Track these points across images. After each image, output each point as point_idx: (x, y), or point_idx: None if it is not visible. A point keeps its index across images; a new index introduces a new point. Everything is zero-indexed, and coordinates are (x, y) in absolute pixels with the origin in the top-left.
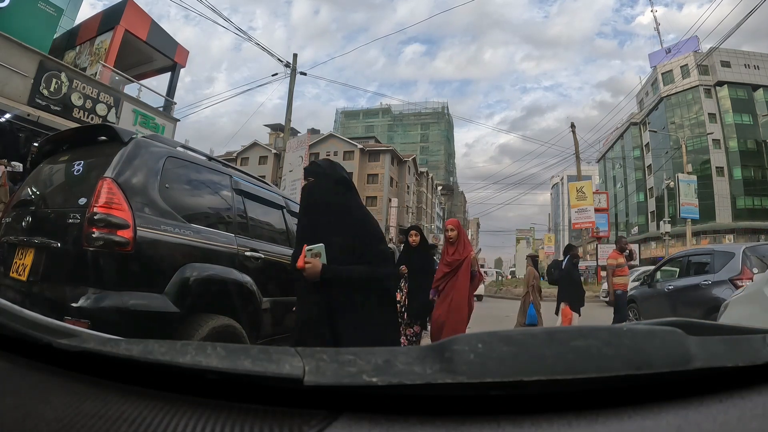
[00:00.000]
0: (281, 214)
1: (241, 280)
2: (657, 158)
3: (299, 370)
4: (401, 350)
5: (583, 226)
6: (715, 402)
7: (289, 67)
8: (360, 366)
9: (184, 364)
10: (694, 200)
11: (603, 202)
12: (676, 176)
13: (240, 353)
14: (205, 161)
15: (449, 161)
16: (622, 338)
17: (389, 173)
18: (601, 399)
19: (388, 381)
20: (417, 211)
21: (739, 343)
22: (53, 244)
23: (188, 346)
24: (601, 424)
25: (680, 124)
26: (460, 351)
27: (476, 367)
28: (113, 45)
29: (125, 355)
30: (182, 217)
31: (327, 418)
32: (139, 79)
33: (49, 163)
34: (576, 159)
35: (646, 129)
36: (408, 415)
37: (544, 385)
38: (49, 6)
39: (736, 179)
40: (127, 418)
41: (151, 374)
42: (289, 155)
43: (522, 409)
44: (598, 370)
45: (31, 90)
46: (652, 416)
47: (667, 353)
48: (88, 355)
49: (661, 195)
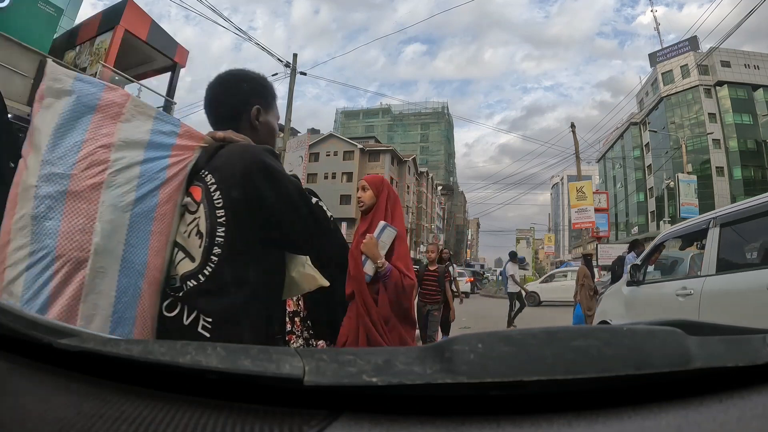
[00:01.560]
0: None
1: None
2: (657, 158)
3: (299, 370)
4: (401, 350)
5: (583, 226)
6: (715, 402)
7: (289, 67)
8: (360, 366)
9: (184, 364)
10: (694, 200)
11: (603, 202)
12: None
13: (240, 353)
14: None
15: (449, 161)
16: (622, 338)
17: (389, 173)
18: (601, 399)
19: (388, 381)
20: (417, 211)
21: (739, 343)
22: None
23: (188, 346)
24: (601, 424)
25: (680, 124)
26: (460, 351)
27: (476, 367)
28: (113, 45)
29: (125, 355)
30: None
31: (327, 418)
32: (139, 79)
33: None
34: (576, 159)
35: (646, 129)
36: (408, 415)
37: (544, 385)
38: (49, 6)
39: (736, 179)
40: (127, 418)
41: (151, 374)
42: (289, 155)
43: (522, 409)
44: (598, 370)
45: (31, 90)
46: (652, 416)
47: (667, 353)
48: (88, 355)
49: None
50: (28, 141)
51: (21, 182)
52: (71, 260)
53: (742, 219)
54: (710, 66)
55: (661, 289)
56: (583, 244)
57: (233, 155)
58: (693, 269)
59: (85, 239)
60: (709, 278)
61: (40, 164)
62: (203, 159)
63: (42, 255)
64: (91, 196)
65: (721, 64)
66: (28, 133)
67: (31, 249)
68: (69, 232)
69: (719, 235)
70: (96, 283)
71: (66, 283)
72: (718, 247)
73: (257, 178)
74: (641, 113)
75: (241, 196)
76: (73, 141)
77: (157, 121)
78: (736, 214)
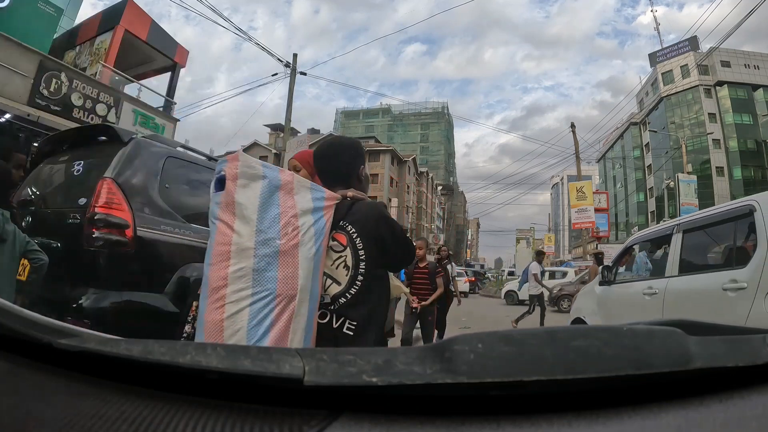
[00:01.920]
0: None
1: None
2: (657, 158)
3: (299, 370)
4: (401, 350)
5: (583, 226)
6: (715, 402)
7: (289, 67)
8: (360, 366)
9: (184, 364)
10: (694, 200)
11: (603, 202)
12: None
13: (240, 353)
14: (205, 161)
15: (449, 161)
16: (622, 338)
17: (389, 173)
18: (601, 399)
19: (388, 381)
20: (417, 211)
21: (739, 343)
22: (53, 244)
23: (188, 346)
24: (601, 424)
25: (680, 123)
26: (460, 351)
27: (476, 367)
28: (113, 45)
29: (125, 355)
30: (182, 217)
31: (327, 418)
32: (139, 79)
33: (49, 163)
34: (576, 159)
35: (646, 129)
36: (408, 415)
37: (543, 385)
38: (49, 6)
39: (736, 179)
40: (127, 418)
41: (151, 374)
42: (289, 155)
43: (522, 409)
44: (598, 370)
45: (31, 90)
46: (652, 416)
47: (667, 353)
48: (88, 355)
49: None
50: (229, 210)
51: (233, 243)
52: (286, 297)
53: (702, 226)
54: (710, 66)
55: (630, 288)
56: (583, 244)
57: (366, 212)
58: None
59: (293, 282)
60: (672, 279)
61: (255, 232)
62: (340, 212)
63: (264, 295)
64: (293, 252)
65: (721, 64)
66: (226, 203)
67: (252, 291)
68: (284, 279)
69: (682, 240)
70: (300, 310)
71: (282, 313)
72: (680, 251)
73: (382, 227)
74: (641, 113)
75: (373, 241)
76: (273, 213)
77: (312, 191)
78: (697, 222)
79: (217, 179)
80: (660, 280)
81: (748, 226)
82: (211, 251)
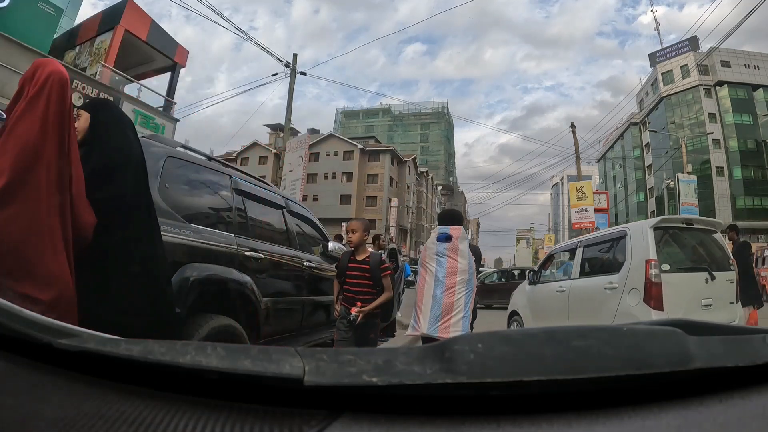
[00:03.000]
0: (281, 214)
1: (240, 280)
2: (657, 158)
3: (299, 370)
4: (401, 350)
5: (583, 226)
6: (715, 402)
7: (289, 66)
8: (360, 366)
9: (184, 364)
10: (694, 200)
11: (603, 202)
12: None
13: (240, 353)
14: (205, 161)
15: (449, 161)
16: (622, 338)
17: (389, 173)
18: (601, 399)
19: (388, 381)
20: (417, 211)
21: (739, 343)
22: None
23: (188, 346)
24: (601, 424)
25: (680, 124)
26: (460, 351)
27: (476, 367)
28: (113, 45)
29: (125, 355)
30: (182, 217)
31: (327, 418)
32: (139, 79)
33: None
34: (576, 159)
35: (646, 129)
36: (408, 415)
37: (544, 385)
38: (49, 6)
39: (736, 179)
40: (127, 418)
41: (151, 374)
42: (289, 155)
43: (522, 409)
44: (598, 370)
45: None
46: (652, 416)
47: (667, 353)
48: (88, 355)
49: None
50: (455, 252)
51: (458, 267)
52: (473, 292)
53: (596, 243)
54: (710, 66)
55: (548, 287)
56: None
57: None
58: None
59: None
60: (575, 280)
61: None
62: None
63: (468, 290)
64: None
65: (721, 64)
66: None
67: (465, 288)
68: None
69: (582, 252)
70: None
71: (472, 298)
72: (581, 260)
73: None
74: (641, 113)
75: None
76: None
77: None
78: (593, 239)
79: (445, 236)
80: (567, 281)
81: (622, 245)
82: (444, 270)
